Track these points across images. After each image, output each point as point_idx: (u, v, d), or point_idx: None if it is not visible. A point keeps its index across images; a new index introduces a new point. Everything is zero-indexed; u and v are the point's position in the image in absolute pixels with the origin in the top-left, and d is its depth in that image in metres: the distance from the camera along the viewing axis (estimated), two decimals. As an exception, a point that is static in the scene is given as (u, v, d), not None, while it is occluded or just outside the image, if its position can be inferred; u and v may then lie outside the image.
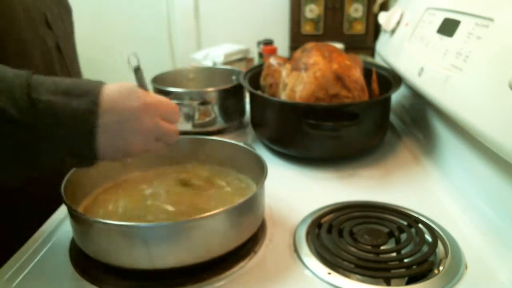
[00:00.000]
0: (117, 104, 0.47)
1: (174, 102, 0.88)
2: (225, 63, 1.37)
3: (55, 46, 0.72)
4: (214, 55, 1.40)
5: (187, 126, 0.93)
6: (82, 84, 0.47)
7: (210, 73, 1.11)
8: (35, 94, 0.43)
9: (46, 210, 0.66)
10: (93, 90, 0.46)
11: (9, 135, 0.43)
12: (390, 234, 0.57)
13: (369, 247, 0.55)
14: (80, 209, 0.58)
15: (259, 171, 0.58)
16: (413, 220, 0.59)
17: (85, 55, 0.99)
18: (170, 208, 0.59)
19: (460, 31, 0.68)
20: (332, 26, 1.90)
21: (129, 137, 0.48)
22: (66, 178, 0.55)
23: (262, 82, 0.91)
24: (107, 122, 0.46)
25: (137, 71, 0.55)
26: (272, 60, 0.90)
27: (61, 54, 0.74)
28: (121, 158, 0.51)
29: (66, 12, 0.80)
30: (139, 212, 0.58)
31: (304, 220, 0.62)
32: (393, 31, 1.04)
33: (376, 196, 0.67)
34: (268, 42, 1.52)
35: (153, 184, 0.65)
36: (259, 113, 0.86)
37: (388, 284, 0.49)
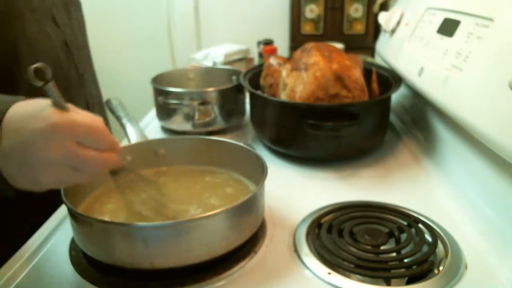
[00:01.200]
0: (21, 125, 0.41)
1: (174, 101, 0.90)
2: (225, 63, 1.37)
3: (62, 42, 0.72)
4: (214, 55, 1.40)
5: (187, 126, 0.93)
6: None
7: (210, 73, 1.11)
8: None
9: (46, 210, 0.66)
10: None
11: None
12: (390, 234, 0.57)
13: (369, 247, 0.55)
14: (80, 209, 0.58)
15: (259, 171, 0.58)
16: (413, 220, 0.59)
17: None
18: (169, 208, 0.59)
19: (460, 31, 0.68)
20: (332, 26, 1.90)
21: (36, 164, 0.42)
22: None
23: (262, 82, 0.92)
24: (10, 146, 0.41)
25: (46, 85, 0.43)
26: (272, 60, 0.90)
27: (68, 49, 0.74)
28: (39, 188, 0.44)
29: (74, 6, 0.80)
30: (138, 212, 0.58)
31: (304, 220, 0.62)
32: (393, 31, 1.04)
33: (376, 196, 0.67)
34: (268, 42, 1.51)
35: (153, 184, 0.64)
36: (259, 113, 0.86)
37: (388, 284, 0.49)
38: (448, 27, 0.73)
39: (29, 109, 0.42)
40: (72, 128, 0.42)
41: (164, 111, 0.94)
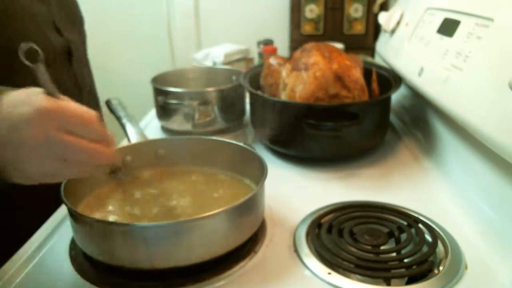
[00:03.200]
0: (8, 110, 0.40)
1: (174, 101, 0.90)
2: (225, 63, 1.37)
3: (64, 52, 0.71)
4: (214, 55, 1.40)
5: (187, 126, 0.93)
6: None
7: (210, 73, 1.11)
8: None
9: (46, 210, 0.66)
10: None
11: None
12: (390, 234, 0.57)
13: (369, 247, 0.55)
14: (80, 209, 0.58)
15: (259, 171, 0.58)
16: (413, 220, 0.59)
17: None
18: (169, 208, 0.59)
19: (460, 31, 0.68)
20: (332, 26, 1.90)
21: (21, 151, 0.40)
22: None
23: (262, 82, 0.91)
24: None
25: (35, 65, 0.42)
26: (272, 60, 0.90)
27: (69, 61, 0.73)
28: (26, 180, 0.43)
29: (77, 21, 0.80)
30: (139, 212, 0.58)
31: (304, 220, 0.62)
32: (393, 31, 1.04)
33: (376, 196, 0.67)
34: (268, 42, 1.52)
35: (154, 185, 0.65)
36: (259, 113, 0.86)
37: (388, 284, 0.49)
38: (448, 27, 0.73)
39: (19, 96, 0.41)
40: (61, 114, 0.41)
41: (164, 111, 0.94)
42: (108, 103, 0.79)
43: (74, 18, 0.78)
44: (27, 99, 0.41)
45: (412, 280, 0.50)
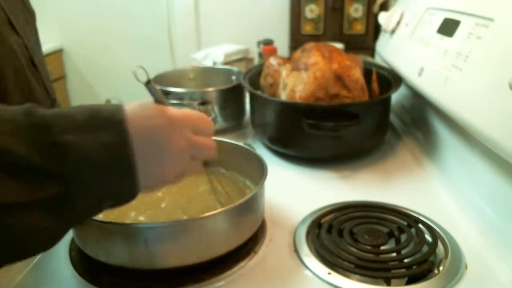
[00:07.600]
0: (143, 125, 0.42)
1: (174, 101, 0.90)
2: (225, 63, 1.37)
3: (27, 57, 0.61)
4: (214, 55, 1.40)
5: (187, 126, 0.93)
6: (101, 113, 0.41)
7: (210, 73, 1.11)
8: (54, 136, 0.36)
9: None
10: (115, 117, 0.41)
11: (35, 188, 0.35)
12: (390, 234, 0.57)
13: (369, 247, 0.55)
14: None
15: (259, 171, 0.58)
16: (413, 220, 0.59)
17: (85, 56, 0.97)
18: (170, 208, 0.59)
19: (460, 31, 0.68)
20: (332, 26, 1.90)
21: (162, 160, 0.43)
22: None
23: (262, 82, 0.91)
24: (140, 148, 0.41)
25: (148, 85, 0.48)
26: (272, 60, 0.90)
27: (35, 67, 0.63)
28: (160, 187, 0.46)
29: (31, 18, 0.68)
30: (139, 212, 0.58)
31: (304, 220, 0.62)
32: (393, 31, 1.04)
33: (376, 196, 0.67)
34: (268, 42, 1.52)
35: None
36: (259, 113, 0.86)
37: (388, 284, 0.49)
38: (448, 27, 0.73)
39: (145, 109, 0.43)
40: (187, 119, 0.46)
41: (164, 111, 0.94)
42: (108, 103, 0.79)
43: (29, 16, 0.67)
44: (155, 110, 0.44)
45: (412, 280, 0.50)
